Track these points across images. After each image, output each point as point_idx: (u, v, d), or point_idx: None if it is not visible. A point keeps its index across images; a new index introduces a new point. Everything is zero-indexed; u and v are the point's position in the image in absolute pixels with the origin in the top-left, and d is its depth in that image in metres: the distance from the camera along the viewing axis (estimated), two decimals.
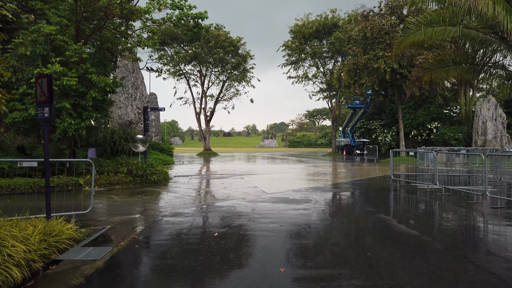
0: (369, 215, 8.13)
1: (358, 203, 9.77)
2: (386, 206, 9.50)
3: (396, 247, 5.61)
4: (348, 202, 10.04)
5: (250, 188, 12.86)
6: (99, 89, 12.50)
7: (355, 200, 10.26)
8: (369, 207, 9.06)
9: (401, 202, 10.23)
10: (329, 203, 9.85)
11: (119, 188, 12.88)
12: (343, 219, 7.77)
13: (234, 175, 17.85)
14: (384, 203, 9.87)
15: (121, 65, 26.77)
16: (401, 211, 8.77)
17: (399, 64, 27.44)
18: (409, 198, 10.89)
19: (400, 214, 8.30)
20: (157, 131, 31.95)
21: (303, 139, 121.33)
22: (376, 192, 12.01)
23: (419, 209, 9.04)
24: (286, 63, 45.82)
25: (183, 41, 44.40)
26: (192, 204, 9.67)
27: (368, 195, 11.42)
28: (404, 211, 8.72)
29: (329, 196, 11.07)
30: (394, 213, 8.42)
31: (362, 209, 8.82)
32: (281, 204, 9.46)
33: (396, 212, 8.62)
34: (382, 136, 41.50)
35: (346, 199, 10.55)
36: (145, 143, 15.16)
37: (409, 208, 9.27)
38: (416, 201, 10.33)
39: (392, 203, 10.08)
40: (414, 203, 10.01)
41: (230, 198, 10.72)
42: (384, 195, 11.44)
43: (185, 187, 13.24)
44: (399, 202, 10.28)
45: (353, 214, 8.34)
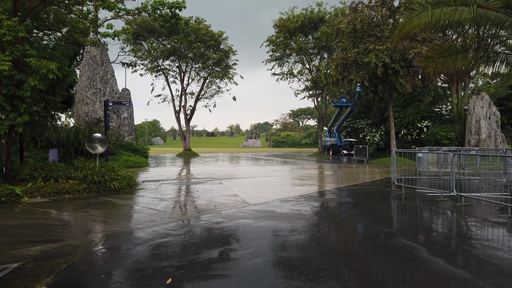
0: (388, 241, 6.03)
1: (365, 220, 7.67)
2: (404, 225, 7.42)
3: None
4: (351, 219, 7.93)
5: (229, 197, 10.66)
6: (41, 77, 10.06)
7: (360, 215, 8.16)
8: (382, 227, 6.97)
9: (420, 219, 8.18)
10: (329, 221, 7.72)
11: (67, 199, 10.47)
12: (352, 248, 5.65)
13: (212, 179, 15.61)
14: (399, 221, 7.81)
15: (88, 56, 24.14)
16: (426, 233, 6.68)
17: (391, 58, 25.69)
18: (426, 211, 8.88)
19: (428, 239, 6.22)
20: (130, 130, 29.38)
21: (287, 139, 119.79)
22: (383, 203, 9.98)
23: (449, 230, 7.02)
24: (270, 59, 43.72)
25: (161, 35, 41.80)
26: (150, 223, 7.40)
27: (373, 207, 9.36)
28: (431, 234, 6.64)
29: (326, 210, 8.95)
30: (418, 238, 6.35)
31: (375, 231, 6.73)
32: (267, 222, 7.29)
33: (420, 235, 6.54)
34: (370, 136, 39.90)
35: (348, 215, 8.44)
36: (104, 143, 12.75)
37: (435, 228, 7.23)
38: (437, 216, 8.32)
39: (409, 219, 8.02)
40: (437, 220, 7.99)
41: (203, 212, 8.49)
42: (393, 208, 9.41)
43: (150, 196, 10.93)
44: (417, 218, 8.23)
45: (364, 239, 6.24)
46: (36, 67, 9.85)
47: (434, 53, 13.45)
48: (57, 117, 29.61)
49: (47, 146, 22.07)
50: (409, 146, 35.82)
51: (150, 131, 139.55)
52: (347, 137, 48.28)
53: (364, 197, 10.84)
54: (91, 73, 24.01)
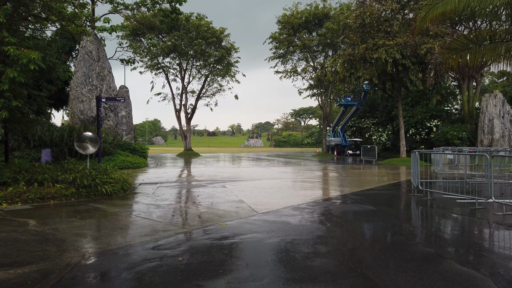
0: (438, 267, 4.82)
1: (398, 236, 6.48)
2: (448, 243, 6.20)
3: None
4: (382, 235, 6.72)
5: (234, 204, 9.47)
6: (22, 68, 8.88)
7: (390, 229, 6.97)
8: (423, 246, 5.77)
9: (465, 234, 6.93)
10: (356, 237, 6.51)
11: (52, 205, 9.29)
12: (397, 278, 4.45)
13: (214, 182, 14.43)
14: (439, 237, 6.60)
15: (84, 51, 22.97)
16: (481, 255, 5.47)
17: (401, 54, 24.46)
18: (467, 224, 7.68)
19: (489, 265, 5.01)
20: (129, 129, 28.22)
21: (289, 138, 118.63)
22: (411, 213, 8.81)
23: (510, 251, 5.83)
24: (274, 56, 42.52)
25: (161, 31, 40.63)
26: (143, 238, 6.21)
27: (402, 218, 8.17)
28: (488, 257, 5.41)
29: (348, 222, 7.75)
30: (474, 262, 5.15)
31: (417, 252, 5.52)
32: (282, 239, 6.09)
33: (474, 257, 5.33)
34: (376, 135, 38.66)
35: (377, 228, 7.23)
36: (96, 143, 11.57)
37: (489, 248, 6.02)
38: (484, 231, 7.12)
39: (451, 235, 6.77)
40: (486, 236, 6.80)
41: (205, 223, 7.31)
42: (425, 219, 8.23)
43: (145, 202, 9.75)
44: (461, 233, 6.98)
45: (407, 263, 5.04)
46: (15, 57, 8.68)
47: (458, 44, 12.24)
48: (50, 114, 28.55)
49: (40, 146, 20.92)
50: (418, 146, 34.59)
51: (151, 130, 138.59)
52: (352, 136, 47.05)
53: (387, 204, 9.63)
54: (87, 69, 22.86)
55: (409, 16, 28.30)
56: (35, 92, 10.38)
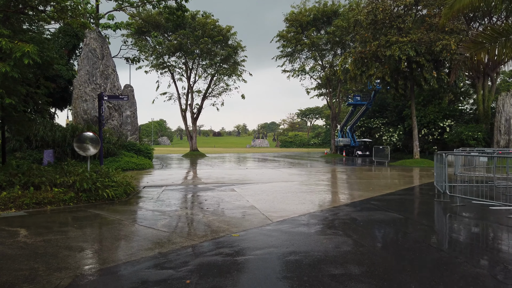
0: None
1: (439, 252, 5.65)
2: (508, 266, 5.39)
3: None
4: (421, 251, 5.88)
5: (245, 210, 8.68)
6: (15, 62, 8.16)
7: (430, 244, 6.13)
8: (479, 268, 4.94)
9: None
10: (391, 255, 5.68)
11: (48, 212, 8.57)
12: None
13: (222, 185, 13.66)
14: (493, 256, 5.78)
15: (87, 49, 22.32)
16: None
17: (415, 51, 23.50)
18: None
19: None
20: (134, 130, 27.56)
21: (295, 139, 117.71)
22: (445, 222, 7.95)
23: None
24: (281, 55, 41.67)
25: (167, 30, 39.98)
26: (145, 252, 5.45)
27: (436, 229, 7.33)
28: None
29: (376, 234, 6.92)
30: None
31: (477, 278, 4.71)
32: (304, 255, 5.29)
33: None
34: (387, 136, 37.67)
35: (411, 242, 6.40)
36: (97, 144, 10.84)
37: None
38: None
39: (506, 254, 5.97)
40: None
41: (214, 234, 6.53)
42: (464, 231, 7.37)
43: (149, 208, 9.00)
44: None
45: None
46: (8, 50, 7.96)
47: (485, 37, 11.34)
48: (54, 114, 27.96)
49: (42, 147, 20.30)
50: (431, 146, 33.61)
51: (156, 130, 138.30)
52: (361, 137, 46.06)
53: (413, 212, 8.79)
54: (91, 67, 22.21)
55: (422, 12, 27.36)
56: (31, 89, 9.68)
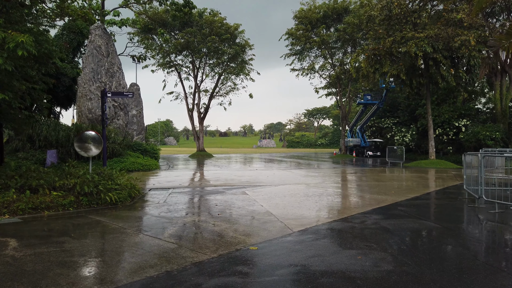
0: None
1: (504, 273, 4.78)
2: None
3: None
4: (480, 272, 5.02)
5: (261, 217, 7.85)
6: (8, 53, 7.41)
7: (487, 261, 5.25)
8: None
9: None
10: (449, 279, 4.83)
11: (45, 218, 7.81)
12: None
13: (232, 188, 12.84)
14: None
15: (92, 46, 21.65)
16: None
17: (432, 47, 22.50)
18: None
19: None
20: (140, 129, 26.87)
21: (302, 139, 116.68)
22: (488, 233, 7.05)
23: None
24: (290, 53, 40.77)
25: (173, 28, 39.29)
26: (149, 271, 4.63)
27: (486, 242, 6.44)
28: None
29: (420, 248, 6.04)
30: None
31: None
32: (341, 277, 4.45)
33: None
34: (399, 136, 36.61)
35: (465, 259, 5.51)
36: (99, 144, 10.07)
37: None
38: None
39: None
40: None
41: (228, 246, 5.70)
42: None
43: (155, 214, 8.20)
44: None
45: None
46: (0, 40, 7.21)
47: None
48: (58, 113, 27.36)
49: (45, 147, 19.67)
50: (445, 147, 32.52)
51: (163, 130, 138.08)
52: (371, 137, 45.01)
53: (449, 220, 7.89)
54: (95, 65, 21.53)
55: (438, 7, 26.36)
56: (28, 84, 8.93)
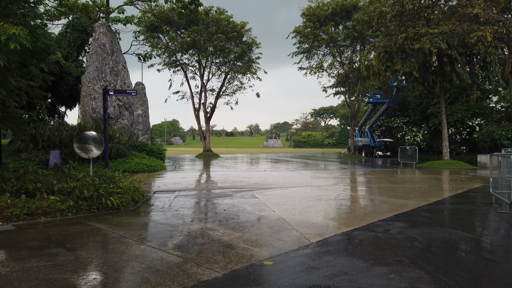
0: None
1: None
2: None
3: None
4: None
5: (274, 224, 7.20)
6: (1, 47, 6.84)
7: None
8: None
9: None
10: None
11: (41, 225, 7.23)
12: None
13: (241, 190, 12.21)
14: None
15: (97, 44, 21.14)
16: None
17: (447, 43, 21.67)
18: None
19: None
20: (145, 129, 26.35)
21: (309, 139, 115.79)
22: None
23: None
24: (298, 51, 40.04)
25: (179, 27, 38.78)
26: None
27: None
28: None
29: (460, 264, 5.35)
30: None
31: None
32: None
33: None
34: (410, 135, 35.74)
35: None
36: (100, 144, 9.49)
37: None
38: None
39: None
40: None
41: (241, 260, 5.06)
42: None
43: (159, 221, 7.59)
44: None
45: None
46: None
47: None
48: (63, 113, 26.94)
49: (48, 147, 19.19)
50: (458, 147, 31.62)
51: (169, 130, 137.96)
52: (380, 136, 44.13)
53: (483, 228, 7.18)
54: (100, 63, 21.01)
55: (452, 2, 25.50)
56: (23, 81, 8.36)
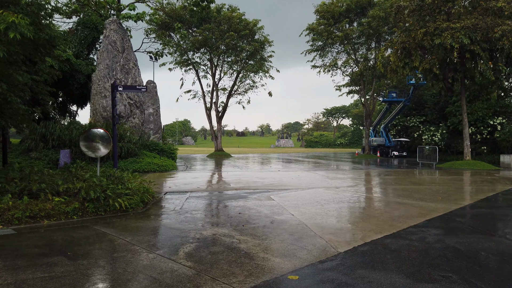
0: None
1: None
2: None
3: None
4: None
5: (294, 229, 6.56)
6: (1, 37, 6.34)
7: None
8: None
9: None
10: None
11: (44, 228, 6.72)
12: None
13: (255, 192, 11.59)
14: None
15: (107, 42, 20.76)
16: None
17: (470, 38, 20.70)
18: None
19: None
20: (156, 128, 25.93)
21: (320, 139, 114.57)
22: None
23: None
24: (311, 49, 39.23)
25: (191, 25, 38.35)
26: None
27: None
28: None
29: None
30: None
31: None
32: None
33: None
34: (427, 135, 34.63)
35: None
36: (108, 143, 8.96)
37: None
38: None
39: None
40: None
41: (261, 273, 4.43)
42: None
43: (170, 225, 7.02)
44: None
45: None
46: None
47: None
48: (74, 112, 26.69)
49: (58, 146, 18.88)
50: (479, 146, 30.47)
51: (181, 130, 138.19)
52: (396, 136, 43.06)
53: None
54: (110, 61, 20.63)
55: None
56: (26, 75, 7.87)
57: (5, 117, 7.61)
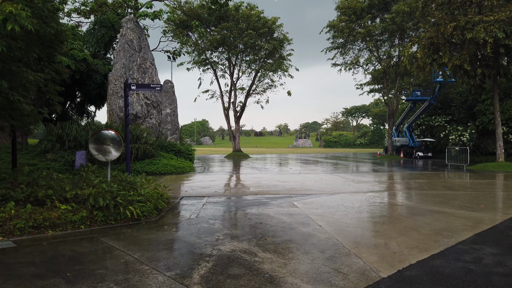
0: None
1: None
2: None
3: None
4: None
5: (323, 245, 5.73)
6: (1, 30, 5.75)
7: None
8: None
9: None
10: None
11: (47, 241, 6.11)
12: None
13: (276, 197, 10.80)
14: None
15: (124, 41, 20.34)
16: None
17: (504, 32, 19.33)
18: None
19: None
20: (174, 129, 25.44)
21: (339, 138, 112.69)
22: None
23: None
24: (332, 47, 38.11)
25: (209, 24, 37.81)
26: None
27: None
28: None
29: None
30: None
31: None
32: None
33: None
34: (454, 135, 33.05)
35: None
36: (119, 145, 8.33)
37: None
38: None
39: None
40: None
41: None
42: None
43: (185, 238, 6.31)
44: None
45: None
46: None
47: None
48: (93, 113, 26.47)
49: (75, 147, 18.56)
50: (510, 147, 28.80)
51: (199, 130, 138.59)
52: (420, 136, 41.47)
53: None
54: (127, 60, 20.20)
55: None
56: (30, 72, 7.29)
57: (6, 117, 7.07)
